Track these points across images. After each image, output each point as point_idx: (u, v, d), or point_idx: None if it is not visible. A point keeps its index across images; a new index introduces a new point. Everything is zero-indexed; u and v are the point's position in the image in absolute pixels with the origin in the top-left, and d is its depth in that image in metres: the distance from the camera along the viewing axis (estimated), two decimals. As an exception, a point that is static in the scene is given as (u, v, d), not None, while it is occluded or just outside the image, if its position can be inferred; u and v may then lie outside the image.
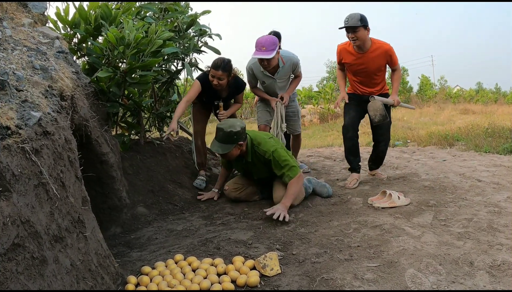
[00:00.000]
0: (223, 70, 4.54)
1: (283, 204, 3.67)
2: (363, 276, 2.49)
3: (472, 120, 12.25)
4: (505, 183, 4.57)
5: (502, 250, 2.76)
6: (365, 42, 4.65)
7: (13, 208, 1.63)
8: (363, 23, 4.52)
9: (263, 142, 3.95)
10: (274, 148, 3.90)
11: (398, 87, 5.06)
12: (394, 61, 4.81)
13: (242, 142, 3.87)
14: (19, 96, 2.03)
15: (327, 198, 4.34)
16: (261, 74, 5.03)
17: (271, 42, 4.69)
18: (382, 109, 4.66)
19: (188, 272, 2.62)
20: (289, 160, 3.89)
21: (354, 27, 4.51)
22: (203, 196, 4.49)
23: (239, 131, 3.80)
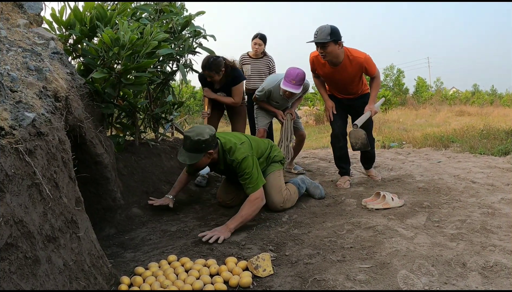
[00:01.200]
0: (209, 70, 4.74)
1: (226, 226, 3.36)
2: (355, 277, 2.50)
3: (468, 122, 12.30)
4: (500, 184, 4.59)
5: (495, 251, 2.77)
6: (337, 57, 4.44)
7: (6, 208, 1.64)
8: (334, 37, 4.26)
9: (234, 149, 3.65)
10: (243, 155, 3.61)
11: (376, 95, 4.77)
12: (371, 72, 4.59)
13: (212, 150, 3.57)
14: (13, 97, 2.03)
15: (320, 199, 4.35)
16: (278, 97, 5.29)
17: (301, 78, 4.91)
18: (365, 139, 4.57)
19: (181, 273, 2.63)
20: (253, 173, 3.60)
21: (323, 43, 4.28)
22: (155, 202, 3.99)
23: (207, 140, 3.46)
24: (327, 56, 4.39)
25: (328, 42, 4.25)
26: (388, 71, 30.39)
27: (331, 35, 4.23)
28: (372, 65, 4.54)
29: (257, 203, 3.55)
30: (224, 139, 3.72)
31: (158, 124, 5.26)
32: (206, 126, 3.61)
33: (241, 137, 3.84)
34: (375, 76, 4.64)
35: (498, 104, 24.10)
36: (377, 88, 4.75)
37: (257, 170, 3.65)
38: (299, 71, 4.95)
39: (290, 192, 4.12)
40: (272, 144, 4.23)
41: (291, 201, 4.07)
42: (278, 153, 4.22)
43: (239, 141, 3.73)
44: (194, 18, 4.87)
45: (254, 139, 4.01)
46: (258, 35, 6.31)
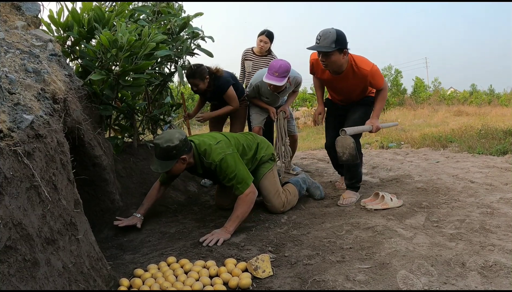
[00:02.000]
0: (192, 77, 4.80)
1: (224, 229, 3.32)
2: (355, 277, 2.50)
3: (466, 122, 12.31)
4: (498, 184, 4.59)
5: (494, 251, 2.78)
6: (340, 67, 3.95)
7: (5, 210, 1.64)
8: (339, 45, 3.74)
9: (209, 150, 3.47)
10: (221, 156, 3.43)
11: (381, 109, 4.23)
12: (378, 85, 4.07)
13: (185, 155, 3.39)
14: (12, 99, 2.03)
15: (319, 200, 4.35)
16: (267, 92, 5.11)
17: (284, 69, 4.67)
18: (353, 149, 3.89)
19: (180, 275, 2.63)
20: (238, 171, 3.44)
21: (326, 52, 3.79)
22: (121, 222, 3.58)
23: (178, 145, 3.28)
24: (329, 66, 3.94)
25: (332, 52, 3.76)
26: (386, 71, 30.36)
27: (336, 43, 3.72)
28: (378, 78, 4.03)
29: (250, 198, 3.46)
30: (198, 141, 3.55)
31: (157, 126, 5.25)
32: (176, 131, 3.43)
33: (217, 137, 3.66)
34: (382, 88, 4.11)
35: (496, 104, 24.11)
36: (383, 101, 4.21)
37: (241, 166, 3.51)
38: (282, 62, 4.74)
39: (290, 193, 4.06)
40: (259, 141, 4.03)
41: (291, 203, 4.04)
42: (266, 150, 4.01)
43: (215, 141, 3.55)
44: (192, 19, 4.87)
45: (233, 136, 3.84)
46: (265, 32, 6.03)
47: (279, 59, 4.92)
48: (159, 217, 3.96)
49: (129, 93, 4.26)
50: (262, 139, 4.11)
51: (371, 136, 10.04)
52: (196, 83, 4.78)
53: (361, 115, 4.30)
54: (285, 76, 4.71)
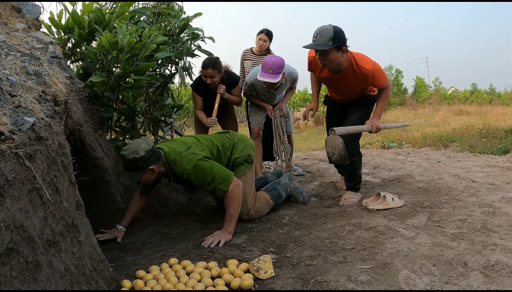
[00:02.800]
0: (212, 67, 4.67)
1: (224, 230, 3.28)
2: (357, 278, 2.49)
3: (467, 121, 12.31)
4: (500, 183, 4.59)
5: (496, 251, 2.77)
6: (339, 65, 3.79)
7: (7, 212, 1.64)
8: (336, 43, 3.57)
9: (179, 159, 3.30)
10: (192, 163, 3.27)
11: (383, 109, 4.06)
12: (380, 84, 3.90)
13: (154, 166, 3.24)
14: (13, 101, 2.03)
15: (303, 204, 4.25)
16: (263, 90, 5.03)
17: (278, 65, 4.59)
18: (342, 149, 3.66)
19: (182, 276, 2.62)
20: (215, 171, 3.30)
21: (323, 50, 3.62)
22: (102, 236, 3.40)
23: (144, 156, 3.13)
24: (327, 65, 3.77)
25: (330, 50, 3.60)
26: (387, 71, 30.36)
27: (334, 41, 3.55)
28: (379, 78, 3.84)
29: (236, 192, 3.35)
30: (167, 149, 3.38)
31: (158, 127, 5.26)
32: (143, 140, 3.28)
33: (187, 141, 3.49)
34: (385, 87, 3.92)
35: (497, 103, 24.11)
36: (386, 100, 4.01)
37: (216, 166, 3.34)
38: (275, 59, 4.64)
39: (260, 201, 3.84)
40: (236, 141, 3.80)
41: (259, 212, 3.82)
42: (242, 151, 3.76)
43: (185, 147, 3.38)
44: (192, 20, 4.87)
45: (207, 137, 3.68)
46: (264, 31, 5.96)
47: (272, 56, 4.89)
48: (160, 218, 3.96)
49: (130, 95, 4.27)
50: (240, 139, 3.85)
51: (372, 136, 10.03)
52: (214, 74, 4.71)
53: (360, 116, 4.15)
54: (279, 73, 4.63)
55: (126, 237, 3.53)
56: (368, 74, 3.78)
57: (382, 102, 4.00)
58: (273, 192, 4.03)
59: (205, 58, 4.78)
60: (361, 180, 4.39)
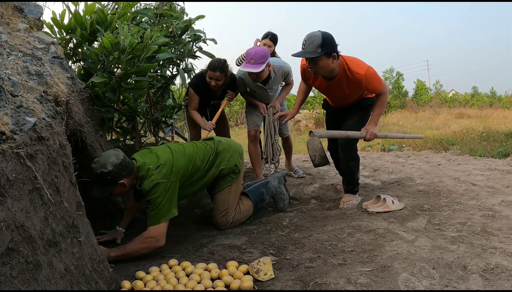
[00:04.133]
0: (220, 71, 4.53)
1: (107, 251, 2.99)
2: (357, 280, 2.50)
3: (467, 124, 12.29)
4: (500, 186, 4.59)
5: (495, 254, 2.77)
6: (330, 72, 3.72)
7: (8, 212, 1.64)
8: (326, 50, 3.48)
9: (145, 176, 3.13)
10: (152, 184, 3.09)
11: (379, 115, 3.91)
12: (375, 90, 3.77)
13: (124, 180, 3.08)
14: (14, 101, 2.03)
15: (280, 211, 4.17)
16: (252, 84, 4.85)
17: (261, 55, 4.44)
18: (321, 150, 3.72)
19: (182, 277, 2.63)
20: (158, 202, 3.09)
21: (312, 59, 3.56)
22: (101, 237, 3.42)
23: (112, 171, 2.97)
24: (318, 73, 3.70)
25: (319, 56, 3.52)
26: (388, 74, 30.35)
27: (323, 47, 3.48)
28: (374, 83, 3.72)
29: (149, 242, 3.09)
30: (139, 162, 3.19)
31: (158, 129, 5.26)
32: (113, 153, 3.07)
33: (163, 157, 3.26)
34: (382, 92, 3.81)
35: (498, 107, 24.06)
36: (382, 106, 3.89)
37: (167, 200, 3.13)
38: (257, 49, 4.50)
39: (241, 213, 3.76)
40: (221, 150, 3.65)
41: (237, 222, 3.74)
42: (228, 162, 3.64)
43: (156, 164, 3.17)
44: (194, 22, 4.88)
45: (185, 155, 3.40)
46: (269, 35, 5.68)
47: (254, 47, 4.78)
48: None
49: (131, 95, 4.27)
50: (226, 147, 3.70)
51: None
52: (221, 78, 4.59)
53: (358, 121, 4.07)
54: (262, 63, 4.43)
55: (126, 238, 3.53)
56: (362, 79, 3.67)
57: (378, 108, 3.88)
58: (256, 196, 3.93)
59: (213, 59, 4.64)
60: (358, 183, 4.35)
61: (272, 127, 4.94)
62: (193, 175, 3.44)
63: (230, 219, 3.67)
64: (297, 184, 5.33)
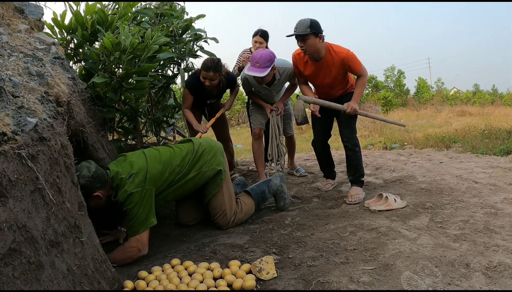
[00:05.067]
0: (214, 70, 4.52)
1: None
2: (359, 279, 2.49)
3: (469, 122, 12.28)
4: (502, 184, 4.58)
5: (498, 252, 2.77)
6: (318, 51, 4.21)
7: (10, 213, 1.64)
8: (313, 30, 4.07)
9: (119, 186, 3.02)
10: (126, 194, 2.99)
11: (361, 94, 4.44)
12: (356, 69, 4.28)
13: (99, 192, 2.96)
14: (15, 102, 2.04)
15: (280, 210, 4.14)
16: (257, 86, 4.86)
17: (266, 59, 4.46)
18: (304, 111, 4.39)
19: (184, 277, 2.63)
20: (135, 213, 3.00)
21: (303, 35, 4.09)
22: (103, 238, 3.38)
23: (85, 184, 2.83)
24: (307, 50, 4.20)
25: (308, 35, 4.07)
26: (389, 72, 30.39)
27: (311, 28, 4.06)
28: (355, 62, 4.25)
29: (131, 252, 3.01)
30: (113, 172, 3.08)
31: (160, 128, 5.26)
32: (84, 166, 2.93)
33: (136, 165, 3.13)
34: (361, 74, 4.32)
35: (499, 104, 24.02)
36: (362, 87, 4.40)
37: (143, 209, 3.03)
38: (263, 52, 4.52)
39: (242, 211, 3.75)
40: (202, 151, 3.49)
41: (239, 221, 3.73)
42: (211, 163, 3.52)
43: (129, 172, 3.06)
44: (194, 21, 4.87)
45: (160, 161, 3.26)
46: (259, 32, 5.67)
47: (261, 49, 4.75)
48: (162, 219, 3.96)
49: (132, 95, 4.28)
50: (207, 149, 3.55)
51: (374, 137, 10.03)
52: (215, 77, 4.58)
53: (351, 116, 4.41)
54: (268, 66, 4.47)
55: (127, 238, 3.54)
56: (344, 57, 4.20)
57: (358, 88, 4.37)
58: (258, 195, 3.93)
59: (207, 59, 4.63)
60: (364, 173, 4.60)
61: (277, 128, 5.01)
62: (172, 181, 3.32)
63: (231, 218, 3.64)
64: (299, 182, 5.33)
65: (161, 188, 3.24)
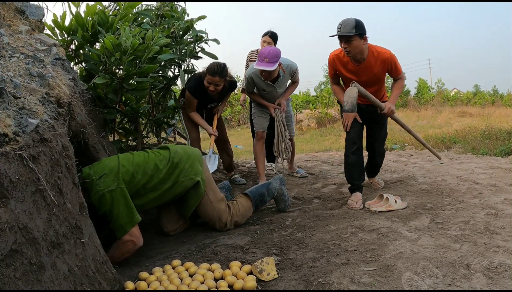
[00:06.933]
0: (220, 76, 4.52)
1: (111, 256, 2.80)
2: (360, 280, 2.50)
3: (470, 122, 12.29)
4: (502, 185, 4.58)
5: (499, 252, 2.77)
6: (361, 53, 4.07)
7: (11, 214, 1.64)
8: (359, 31, 3.90)
9: (90, 187, 2.92)
10: (98, 194, 2.89)
11: (398, 96, 4.44)
12: (398, 70, 4.25)
13: None
14: (17, 103, 2.04)
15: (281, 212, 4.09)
16: (262, 83, 4.97)
17: (274, 54, 4.63)
18: (355, 99, 4.10)
19: (185, 278, 2.63)
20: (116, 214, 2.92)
21: (348, 36, 3.91)
22: None
23: None
24: (351, 52, 4.03)
25: (353, 36, 3.91)
26: (389, 72, 30.36)
27: (356, 29, 3.90)
28: (398, 64, 4.22)
29: (127, 247, 2.99)
30: (85, 174, 2.98)
31: (161, 129, 5.27)
32: None
33: (108, 166, 3.04)
34: (400, 77, 4.34)
35: (500, 105, 24.02)
36: (400, 89, 4.43)
37: (121, 207, 2.94)
38: (271, 48, 4.72)
39: (240, 213, 3.67)
40: (177, 162, 3.30)
41: (240, 221, 3.68)
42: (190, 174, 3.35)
43: (100, 174, 2.96)
44: (195, 22, 4.88)
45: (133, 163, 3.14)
46: (269, 33, 6.01)
47: (268, 46, 4.90)
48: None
49: (133, 97, 4.27)
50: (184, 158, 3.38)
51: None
52: (220, 83, 4.59)
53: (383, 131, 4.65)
54: (275, 61, 4.63)
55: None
56: (388, 57, 4.13)
57: (396, 90, 4.44)
58: (256, 197, 3.84)
59: (213, 63, 4.59)
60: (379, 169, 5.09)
61: (282, 124, 5.11)
62: (146, 184, 3.17)
63: (227, 220, 3.58)
64: (300, 183, 5.33)
65: (134, 189, 3.10)
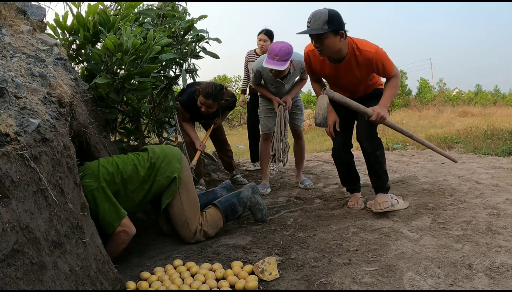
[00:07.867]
0: (213, 100, 4.39)
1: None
2: (362, 280, 2.49)
3: (471, 122, 12.28)
4: (504, 184, 4.58)
5: (500, 252, 2.77)
6: (338, 52, 3.43)
7: (12, 214, 1.64)
8: (333, 26, 3.24)
9: None
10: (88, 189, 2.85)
11: (391, 98, 3.58)
12: (387, 71, 3.49)
13: None
14: (18, 103, 2.04)
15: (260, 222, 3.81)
16: (270, 78, 4.72)
17: (286, 52, 4.28)
18: (326, 111, 3.48)
19: (187, 277, 2.63)
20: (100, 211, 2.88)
21: (318, 35, 3.29)
22: None
23: None
24: (324, 52, 3.40)
25: (326, 34, 3.26)
26: (391, 72, 30.31)
27: (329, 24, 3.23)
28: (387, 62, 3.45)
29: (121, 238, 2.97)
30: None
31: (162, 129, 5.27)
32: None
33: (88, 166, 3.03)
34: (393, 75, 3.53)
35: (501, 104, 24.00)
36: (394, 89, 3.57)
37: (107, 205, 2.92)
38: (282, 45, 4.31)
39: (208, 223, 3.45)
40: (154, 162, 3.23)
41: (207, 234, 3.45)
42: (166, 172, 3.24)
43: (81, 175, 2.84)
44: (196, 22, 4.87)
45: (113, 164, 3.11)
46: (264, 31, 5.91)
47: (279, 42, 4.49)
48: (165, 219, 3.96)
49: (134, 96, 4.27)
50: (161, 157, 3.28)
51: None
52: (213, 106, 4.44)
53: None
54: (287, 60, 4.29)
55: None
56: (372, 57, 3.41)
57: (390, 90, 3.56)
58: (226, 207, 3.58)
59: (208, 84, 4.47)
60: (388, 177, 3.88)
61: (283, 123, 4.80)
62: (126, 186, 3.10)
63: (195, 230, 3.38)
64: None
65: (115, 188, 3.04)
